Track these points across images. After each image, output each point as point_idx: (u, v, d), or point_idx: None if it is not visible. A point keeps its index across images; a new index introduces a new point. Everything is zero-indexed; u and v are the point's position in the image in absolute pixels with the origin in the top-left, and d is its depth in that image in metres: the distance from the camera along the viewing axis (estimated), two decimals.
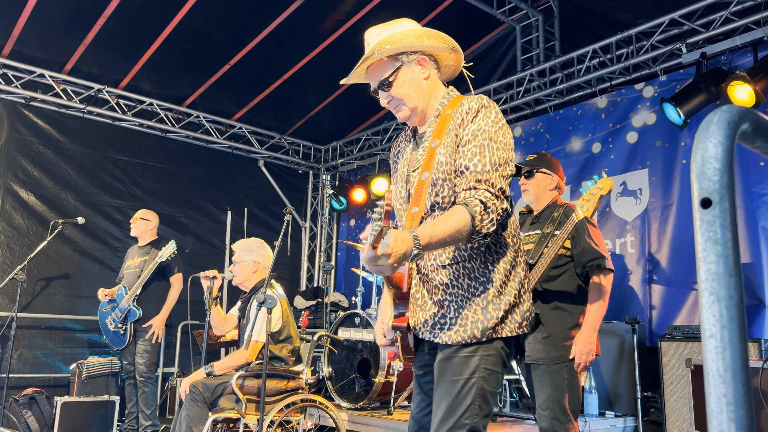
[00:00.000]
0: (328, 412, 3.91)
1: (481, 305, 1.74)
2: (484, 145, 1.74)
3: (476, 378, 1.70)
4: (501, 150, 1.75)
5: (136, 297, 4.90)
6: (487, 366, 1.71)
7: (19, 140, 5.88)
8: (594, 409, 4.28)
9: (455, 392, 1.70)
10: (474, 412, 1.68)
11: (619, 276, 4.95)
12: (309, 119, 7.30)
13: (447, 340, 1.76)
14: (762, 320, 4.16)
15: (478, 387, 1.69)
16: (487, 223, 1.66)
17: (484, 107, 1.80)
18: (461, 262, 1.77)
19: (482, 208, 1.66)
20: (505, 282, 1.76)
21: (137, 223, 5.20)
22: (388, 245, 1.47)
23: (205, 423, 3.39)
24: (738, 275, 0.62)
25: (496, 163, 1.73)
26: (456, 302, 1.77)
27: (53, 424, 4.96)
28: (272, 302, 3.29)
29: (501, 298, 1.74)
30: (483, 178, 1.70)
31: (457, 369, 1.72)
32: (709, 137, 0.65)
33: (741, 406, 0.59)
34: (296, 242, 7.88)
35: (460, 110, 1.82)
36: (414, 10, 5.64)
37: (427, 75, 1.92)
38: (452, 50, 1.97)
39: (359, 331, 4.82)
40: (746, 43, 4.43)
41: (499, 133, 1.77)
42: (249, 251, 3.99)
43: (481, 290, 1.75)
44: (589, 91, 5.45)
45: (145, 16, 5.30)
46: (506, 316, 1.73)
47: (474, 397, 1.68)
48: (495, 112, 1.81)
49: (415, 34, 1.91)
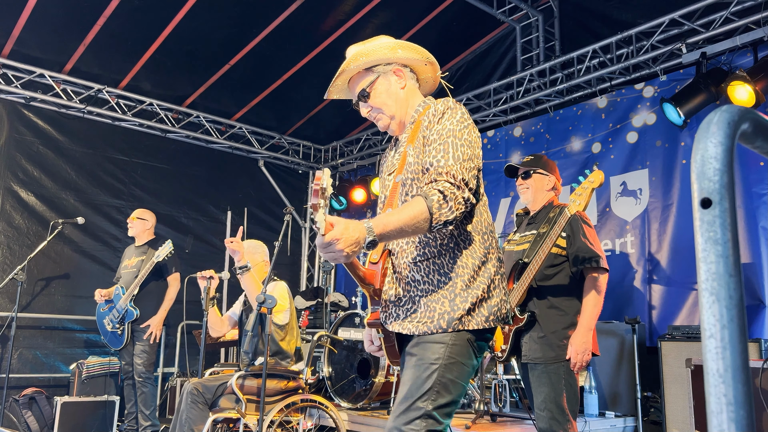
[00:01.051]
0: (328, 412, 3.91)
1: (448, 298, 1.78)
2: (448, 143, 1.79)
3: (438, 365, 1.72)
4: (465, 146, 1.80)
5: (134, 297, 4.90)
6: (452, 354, 1.74)
7: (19, 140, 5.88)
8: (594, 409, 4.28)
9: (416, 376, 1.74)
10: (431, 398, 1.70)
11: (619, 276, 4.95)
12: (309, 119, 7.30)
13: (414, 330, 1.79)
14: (762, 320, 4.17)
15: (439, 374, 1.72)
16: (445, 211, 1.69)
17: (450, 108, 1.87)
18: (431, 258, 1.82)
19: (440, 197, 1.69)
20: (474, 277, 1.80)
21: (134, 223, 5.20)
22: (336, 233, 1.56)
23: (206, 423, 3.39)
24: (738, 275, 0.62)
25: (460, 158, 1.77)
26: (426, 297, 1.81)
27: (53, 424, 4.96)
28: (272, 302, 3.29)
29: (468, 292, 1.78)
30: (444, 171, 1.75)
31: (422, 355, 1.76)
32: (709, 137, 0.65)
33: (741, 406, 0.59)
34: (296, 242, 7.89)
35: (428, 113, 1.90)
36: (414, 10, 5.65)
37: (404, 85, 2.01)
38: (428, 62, 2.05)
39: (359, 331, 4.82)
40: (746, 43, 4.43)
41: (464, 132, 1.82)
42: (256, 252, 4.04)
43: (450, 285, 1.80)
44: (589, 91, 5.45)
45: (145, 16, 5.31)
46: (473, 309, 1.77)
47: (434, 383, 1.71)
48: (461, 113, 1.87)
49: (389, 46, 2.01)
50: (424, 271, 1.83)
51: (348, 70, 2.00)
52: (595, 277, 2.89)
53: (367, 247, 1.64)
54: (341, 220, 1.60)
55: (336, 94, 2.13)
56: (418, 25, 5.78)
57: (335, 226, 1.58)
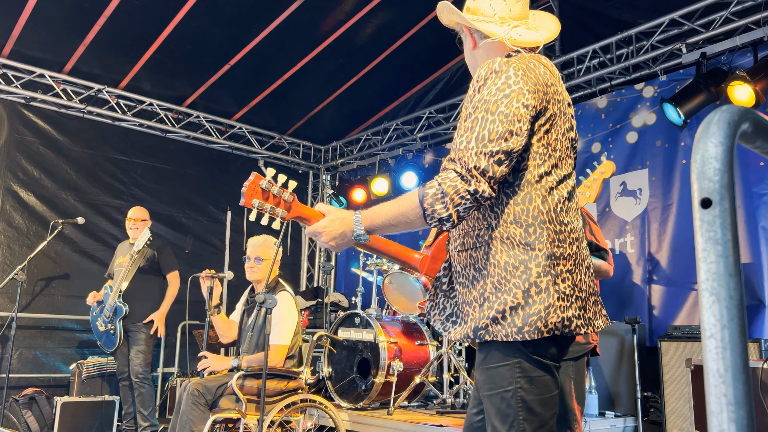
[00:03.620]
0: (328, 412, 3.91)
1: (478, 302, 1.58)
2: (478, 119, 1.52)
3: (512, 389, 1.52)
4: (497, 122, 1.50)
5: (121, 293, 4.87)
6: (521, 374, 1.53)
7: (19, 140, 5.88)
8: (594, 409, 4.28)
9: (495, 409, 1.55)
10: (520, 428, 1.51)
11: (619, 276, 4.95)
12: (309, 119, 7.29)
13: (453, 335, 1.68)
14: (762, 320, 4.17)
15: (517, 399, 1.52)
16: (439, 207, 1.47)
17: (494, 72, 1.56)
18: (469, 250, 1.62)
19: (437, 190, 1.47)
20: (506, 278, 1.53)
21: (139, 225, 5.15)
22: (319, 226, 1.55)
23: (206, 424, 3.39)
24: (738, 275, 0.62)
25: (484, 138, 1.49)
26: (463, 294, 1.65)
27: (53, 424, 4.96)
28: (272, 303, 3.29)
29: (497, 296, 1.53)
30: (457, 156, 1.50)
31: (491, 383, 1.56)
32: (709, 137, 0.65)
33: (741, 406, 0.59)
34: (296, 242, 7.88)
35: (473, 81, 1.63)
36: (414, 10, 5.64)
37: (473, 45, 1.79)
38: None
39: (359, 331, 4.82)
40: (746, 43, 4.43)
41: (501, 103, 1.51)
42: (272, 248, 4.02)
43: (481, 284, 1.58)
44: (589, 91, 5.45)
45: (145, 16, 5.30)
46: (502, 317, 1.51)
47: (515, 411, 1.52)
48: (505, 77, 1.54)
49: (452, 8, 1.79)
50: (463, 263, 1.64)
51: None
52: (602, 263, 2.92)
53: (356, 240, 1.59)
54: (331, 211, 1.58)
55: None
56: (418, 25, 5.78)
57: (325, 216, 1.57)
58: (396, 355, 4.60)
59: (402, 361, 4.58)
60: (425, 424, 4.04)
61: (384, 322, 4.78)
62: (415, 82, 6.85)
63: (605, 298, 2.96)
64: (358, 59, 6.28)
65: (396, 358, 4.57)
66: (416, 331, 4.97)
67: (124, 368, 4.97)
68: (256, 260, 3.96)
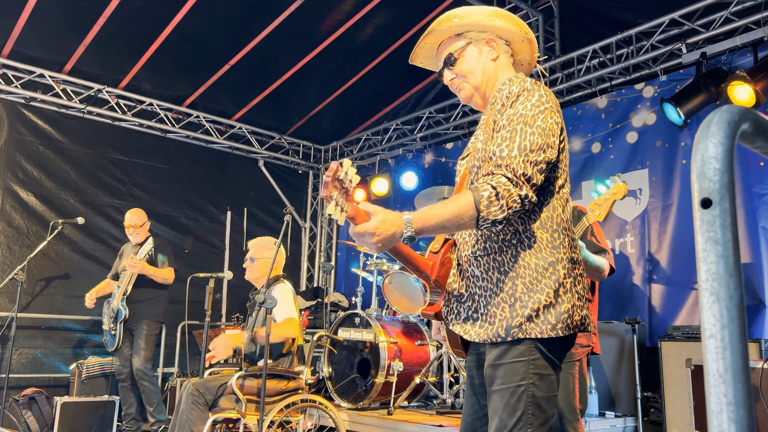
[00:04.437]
0: (328, 412, 3.91)
1: (508, 302, 1.64)
2: (516, 130, 1.62)
3: (525, 384, 1.59)
4: (536, 135, 1.62)
5: (125, 296, 4.90)
6: (536, 371, 1.60)
7: (19, 140, 5.88)
8: (594, 409, 4.28)
9: (505, 402, 1.61)
10: (527, 422, 1.58)
11: (619, 276, 4.95)
12: (309, 119, 7.30)
13: (475, 337, 1.70)
14: (762, 320, 4.16)
15: (529, 394, 1.59)
16: (495, 209, 1.54)
17: (527, 90, 1.68)
18: (492, 254, 1.69)
19: (491, 193, 1.54)
20: (538, 279, 1.62)
21: (139, 231, 5.20)
22: (370, 227, 1.50)
23: (205, 424, 3.39)
24: (738, 275, 0.62)
25: (527, 148, 1.60)
26: (485, 297, 1.69)
27: (53, 425, 4.96)
28: (272, 303, 3.29)
29: (530, 296, 1.61)
30: (504, 163, 1.59)
31: (505, 377, 1.62)
32: (709, 137, 0.65)
33: (741, 406, 0.59)
34: (296, 242, 7.88)
35: (501, 94, 1.74)
36: (414, 10, 5.64)
37: (496, 56, 1.84)
38: (526, 39, 1.87)
39: (359, 331, 4.82)
40: (746, 43, 4.43)
41: (538, 117, 1.64)
42: (267, 248, 4.04)
43: (509, 286, 1.65)
44: (589, 91, 5.45)
45: (145, 16, 5.30)
46: (536, 315, 1.60)
47: (525, 405, 1.58)
48: (539, 95, 1.67)
49: (485, 12, 1.84)
50: (484, 267, 1.70)
51: (438, 31, 1.84)
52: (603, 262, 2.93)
53: (404, 242, 1.57)
54: (380, 211, 1.53)
55: (421, 60, 1.97)
56: (418, 25, 5.78)
57: (373, 217, 1.51)
58: (396, 355, 4.60)
59: (402, 361, 4.58)
60: (425, 424, 4.04)
61: (384, 322, 4.78)
62: (415, 82, 6.84)
63: (605, 298, 2.97)
64: (358, 59, 6.28)
65: (396, 358, 4.57)
66: (416, 331, 4.97)
67: (123, 369, 4.98)
68: (250, 260, 4.00)
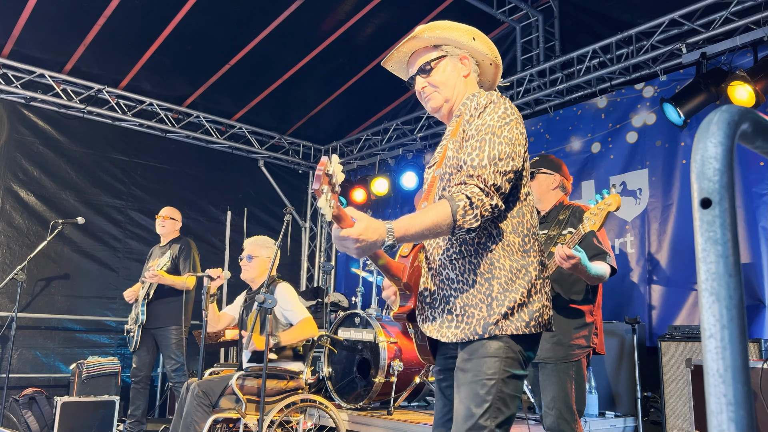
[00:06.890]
0: (328, 412, 3.91)
1: (486, 302, 1.72)
2: (485, 140, 1.72)
3: (495, 380, 1.67)
4: (504, 144, 1.71)
5: (148, 298, 4.88)
6: (506, 368, 1.69)
7: (19, 140, 5.88)
8: (594, 409, 4.28)
9: (473, 393, 1.68)
10: (493, 415, 1.65)
11: (619, 276, 4.94)
12: (309, 119, 7.30)
13: (452, 338, 1.75)
14: (762, 320, 4.16)
15: (497, 389, 1.67)
16: (470, 218, 1.63)
17: (493, 102, 1.79)
18: (467, 257, 1.76)
19: (466, 203, 1.63)
20: (512, 279, 1.72)
21: (166, 222, 5.16)
22: (353, 233, 1.52)
23: (206, 423, 3.39)
24: (738, 275, 0.62)
25: (495, 157, 1.69)
26: (462, 298, 1.76)
27: (53, 424, 4.96)
28: (272, 303, 3.29)
29: (506, 295, 1.71)
30: (476, 173, 1.68)
31: (477, 371, 1.70)
32: (709, 137, 0.65)
33: (741, 406, 0.59)
34: (296, 242, 7.88)
35: (470, 106, 1.84)
36: (414, 10, 5.64)
37: (467, 74, 1.96)
38: (494, 63, 2.01)
39: (359, 331, 4.82)
40: (746, 43, 4.43)
41: (504, 129, 1.74)
42: (265, 247, 4.03)
43: (486, 286, 1.73)
44: (589, 91, 5.45)
45: (145, 16, 5.30)
46: (511, 313, 1.69)
47: (493, 399, 1.66)
48: (504, 108, 1.78)
49: (466, 30, 1.98)
50: (459, 269, 1.78)
51: (420, 38, 1.95)
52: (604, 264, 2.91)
53: (384, 250, 1.61)
54: (364, 218, 1.55)
55: (392, 64, 2.06)
56: (418, 25, 5.78)
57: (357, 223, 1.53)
58: (396, 355, 4.60)
59: (402, 361, 4.58)
60: (425, 424, 4.04)
61: (384, 322, 4.78)
62: None
63: (605, 298, 2.97)
64: (358, 59, 6.28)
65: (396, 358, 4.57)
66: None
67: (138, 372, 4.93)
68: (247, 258, 3.99)
